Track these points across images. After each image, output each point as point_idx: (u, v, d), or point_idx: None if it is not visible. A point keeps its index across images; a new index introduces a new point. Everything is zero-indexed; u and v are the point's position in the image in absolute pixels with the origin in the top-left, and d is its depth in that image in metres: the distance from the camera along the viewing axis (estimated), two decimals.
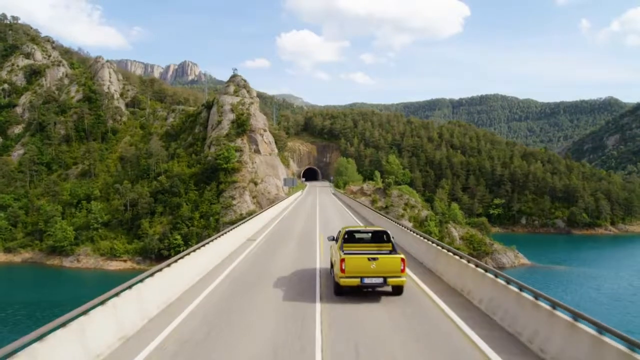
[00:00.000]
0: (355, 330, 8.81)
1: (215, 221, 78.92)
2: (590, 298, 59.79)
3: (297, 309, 10.20)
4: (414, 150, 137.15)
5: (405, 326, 9.17)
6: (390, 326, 9.13)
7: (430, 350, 7.88)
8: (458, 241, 79.98)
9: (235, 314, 9.95)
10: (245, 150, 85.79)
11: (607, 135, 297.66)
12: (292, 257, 18.13)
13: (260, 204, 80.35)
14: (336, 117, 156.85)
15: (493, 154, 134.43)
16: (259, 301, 11.06)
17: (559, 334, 7.28)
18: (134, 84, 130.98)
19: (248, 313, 10.02)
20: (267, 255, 18.62)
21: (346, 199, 63.25)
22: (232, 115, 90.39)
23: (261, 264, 16.75)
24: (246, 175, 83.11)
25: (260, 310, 10.26)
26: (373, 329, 8.93)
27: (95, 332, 7.31)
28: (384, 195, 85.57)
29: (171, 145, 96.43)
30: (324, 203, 58.00)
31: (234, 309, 10.41)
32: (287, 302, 10.85)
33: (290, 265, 16.11)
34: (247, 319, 9.55)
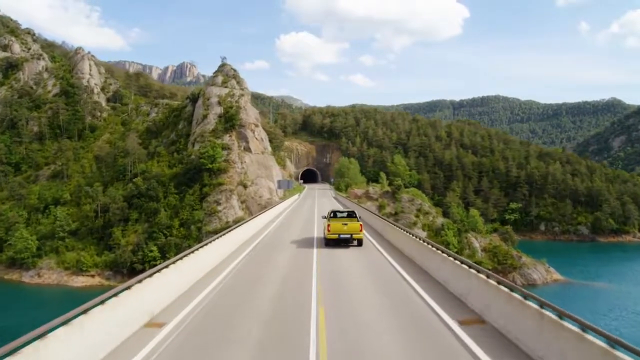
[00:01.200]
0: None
1: (197, 230, 66.88)
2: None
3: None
4: (420, 150, 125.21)
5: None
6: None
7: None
8: (480, 253, 67.95)
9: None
10: (233, 148, 73.83)
11: (612, 137, 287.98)
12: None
13: (250, 209, 68.30)
14: (337, 115, 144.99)
15: (507, 154, 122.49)
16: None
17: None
18: (117, 78, 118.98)
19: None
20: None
21: (350, 205, 51.42)
22: (220, 108, 78.48)
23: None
24: (234, 176, 71.11)
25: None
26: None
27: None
28: (392, 200, 73.60)
29: (151, 143, 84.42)
30: (323, 209, 46.47)
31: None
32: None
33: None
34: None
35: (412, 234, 18.57)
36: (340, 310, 10.39)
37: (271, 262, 16.91)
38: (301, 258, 17.89)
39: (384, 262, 17.10)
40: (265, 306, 10.84)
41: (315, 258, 17.48)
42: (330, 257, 17.89)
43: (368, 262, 17.11)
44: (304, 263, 16.71)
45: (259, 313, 10.25)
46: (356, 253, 19.09)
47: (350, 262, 17.01)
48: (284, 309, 10.63)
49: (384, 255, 18.36)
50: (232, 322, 9.67)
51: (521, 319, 8.08)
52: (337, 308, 10.54)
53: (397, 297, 11.75)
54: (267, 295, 11.91)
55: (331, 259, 17.50)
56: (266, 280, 13.77)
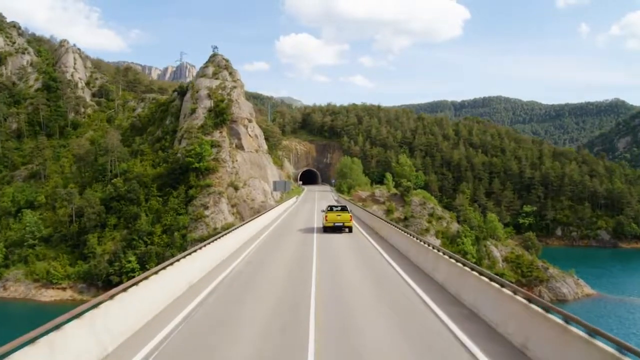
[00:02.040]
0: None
1: (182, 237, 58.62)
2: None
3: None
4: (427, 150, 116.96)
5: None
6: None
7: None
8: (500, 264, 59.70)
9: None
10: (224, 146, 65.68)
11: (617, 137, 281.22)
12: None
13: (241, 214, 60.13)
14: (338, 113, 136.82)
15: (519, 153, 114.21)
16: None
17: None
18: (105, 73, 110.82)
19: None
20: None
21: (355, 210, 43.29)
22: (209, 102, 70.33)
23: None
24: (224, 177, 62.93)
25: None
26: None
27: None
28: (401, 203, 65.39)
29: (135, 140, 76.24)
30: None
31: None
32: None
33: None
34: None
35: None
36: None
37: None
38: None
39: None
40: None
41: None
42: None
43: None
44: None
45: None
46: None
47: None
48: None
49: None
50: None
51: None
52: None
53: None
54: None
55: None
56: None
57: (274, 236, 24.87)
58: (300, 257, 17.52)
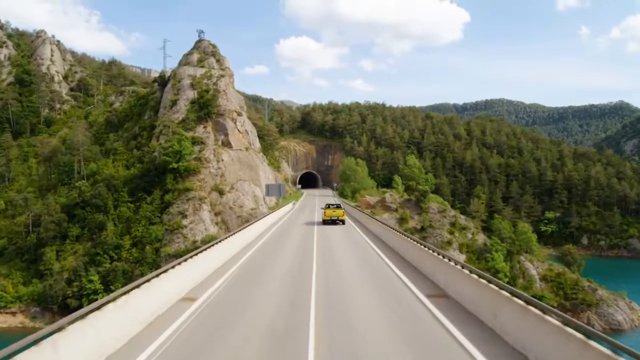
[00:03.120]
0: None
1: (154, 252, 48.14)
2: None
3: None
4: (437, 150, 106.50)
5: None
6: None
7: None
8: (538, 284, 49.09)
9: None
10: (208, 143, 55.32)
11: (624, 140, 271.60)
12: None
13: (227, 224, 49.65)
14: (339, 112, 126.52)
15: (538, 154, 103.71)
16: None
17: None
18: (86, 67, 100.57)
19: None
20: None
21: (368, 223, 33.10)
22: (193, 92, 60.05)
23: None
24: (207, 179, 52.49)
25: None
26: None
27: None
28: (417, 211, 54.88)
29: (109, 137, 65.86)
30: (328, 231, 29.04)
31: None
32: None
33: None
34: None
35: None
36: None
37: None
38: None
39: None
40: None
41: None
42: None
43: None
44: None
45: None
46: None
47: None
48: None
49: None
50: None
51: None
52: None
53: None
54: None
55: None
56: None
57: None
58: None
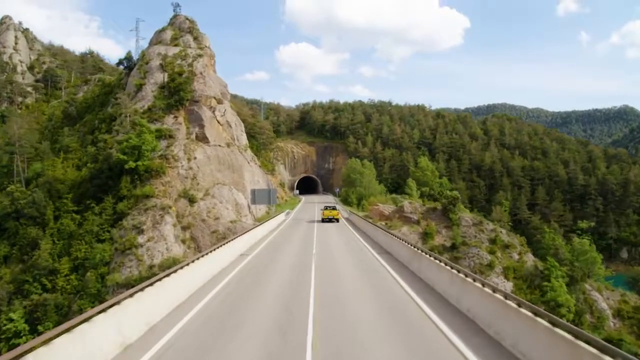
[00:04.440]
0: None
1: (99, 280, 35.44)
2: None
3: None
4: (451, 152, 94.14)
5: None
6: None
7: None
8: (611, 321, 36.38)
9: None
10: (178, 136, 42.94)
11: (632, 145, 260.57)
12: None
13: (197, 241, 37.11)
14: (342, 110, 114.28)
15: (565, 155, 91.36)
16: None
17: None
18: (55, 56, 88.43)
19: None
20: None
21: (390, 245, 20.75)
22: (162, 75, 47.72)
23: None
24: (174, 183, 40.02)
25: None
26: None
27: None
28: (444, 223, 42.31)
29: (64, 132, 53.50)
30: (336, 265, 16.52)
31: None
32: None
33: None
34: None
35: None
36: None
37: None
38: None
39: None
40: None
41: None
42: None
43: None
44: None
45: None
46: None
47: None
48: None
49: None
50: None
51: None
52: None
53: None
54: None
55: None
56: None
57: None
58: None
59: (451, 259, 39.22)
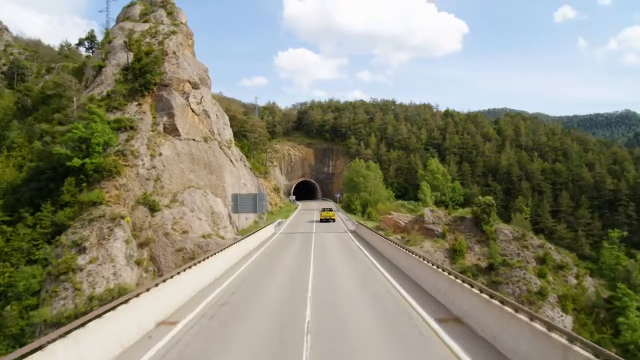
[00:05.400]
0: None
1: (23, 315, 26.18)
2: None
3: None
4: (463, 153, 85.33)
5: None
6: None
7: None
8: None
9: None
10: (140, 128, 33.96)
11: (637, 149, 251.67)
12: None
13: (158, 262, 28.04)
14: (342, 109, 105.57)
15: (589, 157, 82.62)
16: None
17: None
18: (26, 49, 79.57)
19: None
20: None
21: (426, 280, 11.41)
22: (126, 55, 38.83)
23: None
24: (131, 186, 30.99)
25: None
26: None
27: None
28: (477, 236, 33.25)
29: (12, 126, 44.49)
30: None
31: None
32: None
33: None
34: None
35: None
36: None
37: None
38: None
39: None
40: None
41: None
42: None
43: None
44: None
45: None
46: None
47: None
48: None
49: None
50: None
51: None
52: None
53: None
54: None
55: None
56: None
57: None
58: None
59: (489, 284, 30.18)
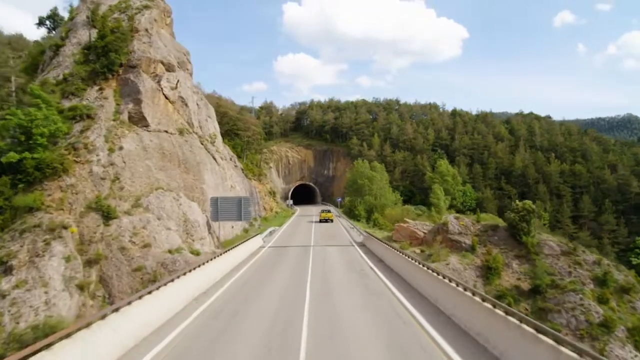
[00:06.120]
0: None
1: None
2: None
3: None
4: (473, 154, 78.96)
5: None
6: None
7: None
8: None
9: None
10: (100, 117, 27.39)
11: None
12: None
13: (109, 285, 21.26)
14: (343, 109, 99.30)
15: (611, 158, 76.31)
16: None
17: None
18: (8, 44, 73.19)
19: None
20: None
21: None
22: (89, 33, 32.50)
23: None
24: (83, 187, 24.36)
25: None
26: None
27: None
28: (515, 250, 26.68)
29: None
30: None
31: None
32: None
33: None
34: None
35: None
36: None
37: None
38: None
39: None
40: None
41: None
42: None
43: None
44: None
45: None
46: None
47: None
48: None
49: None
50: None
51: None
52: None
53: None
54: None
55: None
56: None
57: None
58: None
59: (534, 312, 23.62)
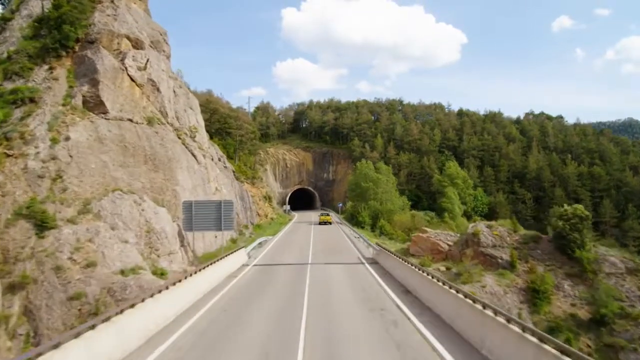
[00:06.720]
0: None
1: None
2: None
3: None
4: (484, 157, 73.59)
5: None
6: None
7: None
8: None
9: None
10: (46, 101, 21.86)
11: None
12: None
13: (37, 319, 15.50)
14: (344, 109, 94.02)
15: (631, 160, 71.01)
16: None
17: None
18: None
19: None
20: None
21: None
22: (42, 4, 26.99)
23: None
24: (13, 187, 18.80)
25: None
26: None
27: None
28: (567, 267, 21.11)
29: None
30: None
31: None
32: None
33: None
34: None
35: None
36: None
37: None
38: None
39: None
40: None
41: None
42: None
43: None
44: None
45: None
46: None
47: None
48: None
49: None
50: None
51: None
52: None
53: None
54: None
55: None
56: None
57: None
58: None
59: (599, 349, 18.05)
